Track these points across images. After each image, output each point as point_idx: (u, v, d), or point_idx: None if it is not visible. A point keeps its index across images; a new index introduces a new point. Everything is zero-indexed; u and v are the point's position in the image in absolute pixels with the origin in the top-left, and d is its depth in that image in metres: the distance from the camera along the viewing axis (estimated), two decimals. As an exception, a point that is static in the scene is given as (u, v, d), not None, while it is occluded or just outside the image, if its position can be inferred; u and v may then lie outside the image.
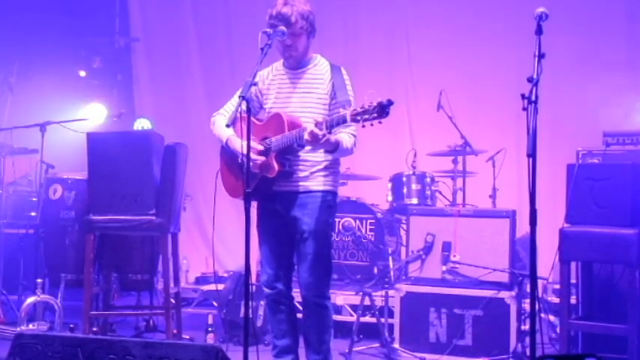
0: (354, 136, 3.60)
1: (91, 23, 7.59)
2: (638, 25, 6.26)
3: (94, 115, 6.67)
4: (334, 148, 3.45)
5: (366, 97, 3.17)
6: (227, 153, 3.75)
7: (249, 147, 3.16)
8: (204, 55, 7.70)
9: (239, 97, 3.19)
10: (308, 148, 3.51)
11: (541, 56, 2.89)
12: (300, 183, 3.63)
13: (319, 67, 3.70)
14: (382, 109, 3.13)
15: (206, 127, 3.88)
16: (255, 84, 3.30)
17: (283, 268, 3.75)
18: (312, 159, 3.62)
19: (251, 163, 3.46)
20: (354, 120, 3.21)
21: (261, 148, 3.56)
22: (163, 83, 7.73)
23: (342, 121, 3.29)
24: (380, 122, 3.17)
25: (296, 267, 3.76)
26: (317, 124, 3.32)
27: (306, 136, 3.34)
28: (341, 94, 3.50)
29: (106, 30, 7.78)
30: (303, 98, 3.65)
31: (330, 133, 3.36)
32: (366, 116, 3.16)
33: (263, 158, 3.52)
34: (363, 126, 3.19)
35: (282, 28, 3.48)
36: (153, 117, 7.25)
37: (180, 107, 7.45)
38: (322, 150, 3.51)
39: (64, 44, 7.38)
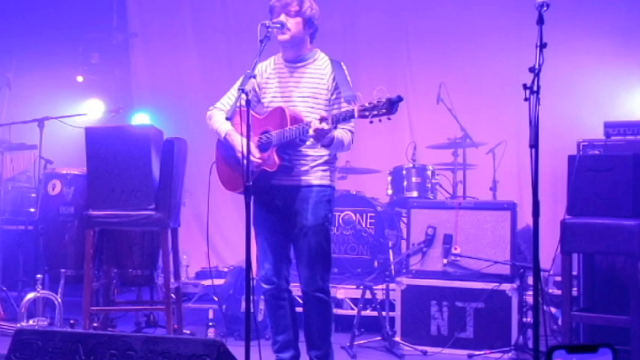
0: (352, 132, 3.60)
1: (88, 19, 7.57)
2: (637, 15, 6.24)
3: (92, 110, 6.65)
4: (330, 143, 3.45)
5: (375, 92, 3.16)
6: (224, 146, 3.73)
7: (248, 140, 3.14)
8: (202, 49, 7.68)
9: (238, 89, 3.17)
10: (309, 142, 3.50)
11: (543, 46, 2.87)
12: (301, 177, 3.61)
13: (319, 61, 3.68)
14: (391, 105, 3.13)
15: (205, 122, 3.86)
16: (254, 76, 3.29)
17: (281, 262, 3.74)
18: (313, 153, 3.61)
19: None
20: (362, 116, 3.20)
21: (257, 155, 3.51)
22: (161, 78, 7.70)
23: (349, 117, 3.29)
24: (389, 118, 3.17)
25: (295, 262, 3.75)
26: (322, 120, 3.31)
27: (311, 132, 3.33)
28: (345, 89, 3.49)
29: (104, 26, 7.75)
30: (303, 93, 3.63)
31: (335, 128, 3.35)
32: (375, 112, 3.15)
33: (260, 161, 3.50)
34: (371, 122, 3.18)
35: (279, 19, 3.50)
36: (151, 112, 7.23)
37: (178, 102, 7.43)
38: (319, 144, 3.50)
39: (62, 40, 7.36)
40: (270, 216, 3.72)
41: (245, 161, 3.13)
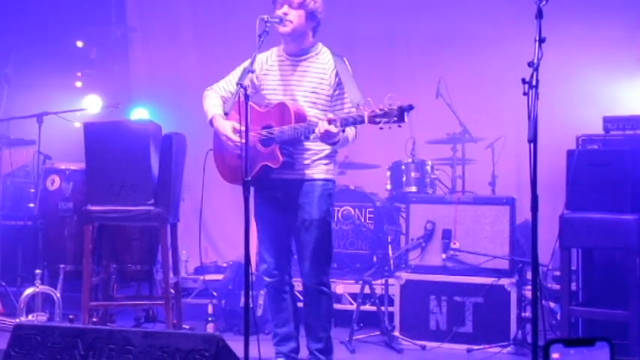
0: (356, 127, 3.59)
1: (87, 14, 7.55)
2: (637, 9, 6.22)
3: (90, 105, 6.64)
4: (336, 142, 3.45)
5: (386, 99, 3.14)
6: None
7: (247, 135, 3.13)
8: (201, 44, 7.67)
9: (237, 84, 3.16)
10: (312, 137, 3.50)
11: (542, 40, 2.86)
12: (304, 171, 3.62)
13: (322, 56, 3.67)
14: (402, 113, 3.12)
15: (204, 117, 3.86)
16: (253, 71, 3.29)
17: (283, 256, 3.75)
18: (314, 147, 3.62)
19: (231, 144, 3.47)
20: (373, 122, 3.18)
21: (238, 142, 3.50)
22: (160, 73, 7.68)
23: (359, 122, 3.27)
24: (399, 126, 3.15)
25: (296, 256, 3.75)
26: (330, 122, 3.30)
27: (318, 133, 3.32)
28: (352, 90, 3.47)
29: (102, 21, 7.74)
30: (305, 88, 3.63)
31: (343, 131, 3.35)
32: (386, 119, 3.14)
33: (237, 143, 3.48)
34: (381, 128, 3.17)
35: (279, 11, 3.50)
36: (150, 107, 7.22)
37: (177, 97, 7.41)
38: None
39: (60, 35, 7.35)
40: (272, 209, 3.73)
41: (244, 155, 3.13)
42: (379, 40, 7.10)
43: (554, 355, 1.76)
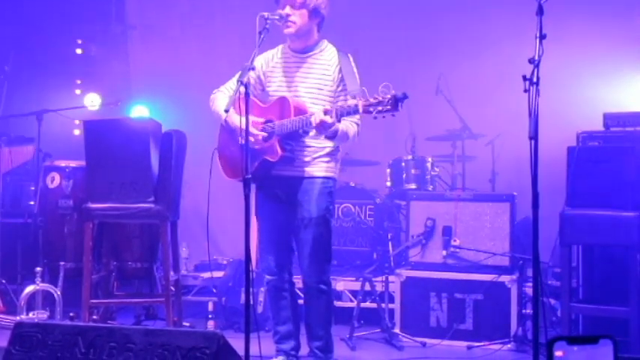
0: (358, 124, 3.60)
1: (86, 11, 7.54)
2: (638, 5, 6.21)
3: (90, 102, 6.63)
4: (334, 135, 3.44)
5: (381, 88, 3.15)
6: (227, 131, 3.72)
7: (247, 133, 3.13)
8: (201, 41, 7.65)
9: (237, 81, 3.16)
10: (312, 133, 3.50)
11: (542, 37, 2.86)
12: (304, 168, 3.62)
13: (326, 52, 3.68)
14: (396, 102, 3.12)
15: (204, 115, 3.85)
16: (253, 68, 3.28)
17: (283, 253, 3.75)
18: (315, 145, 3.62)
19: (252, 139, 3.45)
20: (367, 111, 3.19)
21: (261, 120, 3.53)
22: (160, 70, 7.66)
23: (353, 112, 3.28)
24: (393, 115, 3.15)
25: (296, 253, 3.75)
26: (326, 112, 3.30)
27: (314, 124, 3.32)
28: (351, 83, 3.48)
29: (102, 18, 7.73)
30: (309, 84, 3.63)
31: (339, 122, 3.35)
32: (380, 108, 3.15)
33: (265, 134, 3.50)
34: (375, 117, 3.17)
35: (281, 11, 3.49)
36: (150, 104, 7.21)
37: (177, 94, 7.40)
38: (323, 136, 3.50)
39: (60, 32, 7.34)
40: (272, 207, 3.73)
41: (245, 152, 3.12)
42: (379, 35, 7.09)
43: (558, 353, 1.76)
